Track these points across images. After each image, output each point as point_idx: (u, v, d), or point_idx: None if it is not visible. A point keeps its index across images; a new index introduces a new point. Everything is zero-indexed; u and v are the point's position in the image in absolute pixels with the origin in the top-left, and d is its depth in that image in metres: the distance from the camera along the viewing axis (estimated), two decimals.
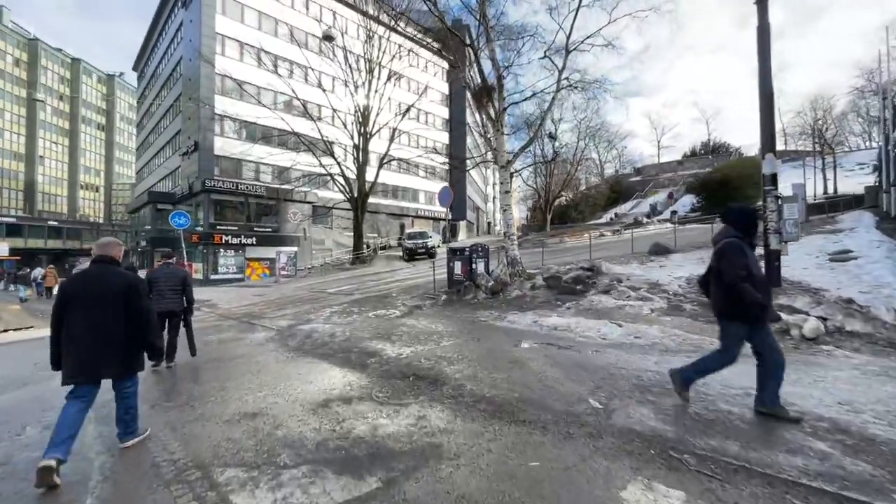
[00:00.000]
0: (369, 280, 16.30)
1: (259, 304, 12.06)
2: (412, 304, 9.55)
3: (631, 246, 13.67)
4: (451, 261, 10.13)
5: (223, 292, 17.13)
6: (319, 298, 12.24)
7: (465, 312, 8.23)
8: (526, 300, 8.90)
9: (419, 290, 11.63)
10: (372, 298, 11.11)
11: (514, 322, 7.08)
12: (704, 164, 49.30)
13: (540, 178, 36.18)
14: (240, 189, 25.91)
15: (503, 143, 11.12)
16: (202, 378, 5.10)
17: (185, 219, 14.07)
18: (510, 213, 11.15)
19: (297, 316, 9.39)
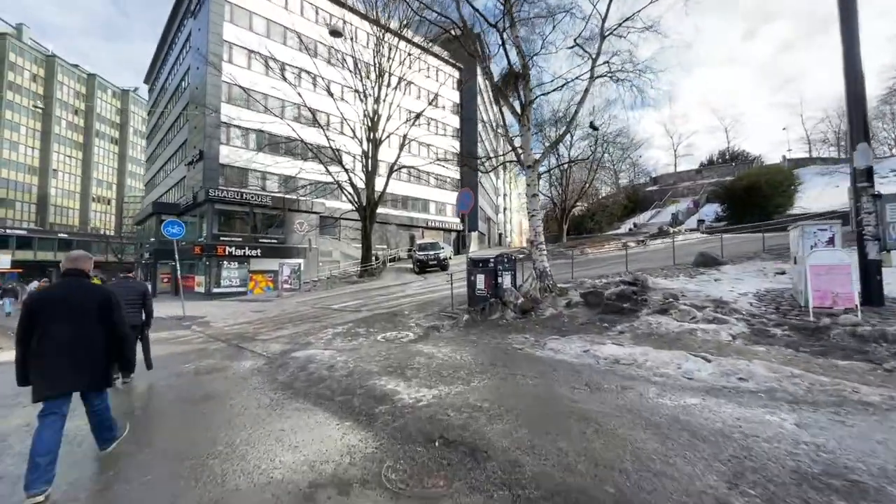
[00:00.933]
0: (378, 294, 14.98)
1: (255, 323, 10.78)
2: (428, 325, 8.18)
3: (672, 256, 12.18)
4: (473, 274, 8.77)
5: (221, 307, 15.94)
6: (322, 316, 10.93)
7: (493, 336, 6.83)
8: (564, 321, 7.48)
9: (435, 307, 10.26)
10: (381, 316, 9.77)
11: (559, 351, 5.66)
12: (725, 173, 47.58)
13: (554, 188, 34.80)
14: (245, 198, 24.97)
15: (529, 141, 9.83)
16: (151, 433, 3.77)
17: (180, 228, 12.97)
18: (538, 219, 9.80)
19: (294, 338, 8.07)
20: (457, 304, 9.90)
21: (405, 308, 10.70)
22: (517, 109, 9.95)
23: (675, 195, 47.52)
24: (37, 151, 63.57)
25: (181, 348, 8.04)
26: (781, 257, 11.11)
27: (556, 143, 9.61)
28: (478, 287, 8.66)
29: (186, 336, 9.54)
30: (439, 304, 10.80)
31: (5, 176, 58.50)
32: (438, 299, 11.64)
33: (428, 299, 12.04)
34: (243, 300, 18.49)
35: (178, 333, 10.05)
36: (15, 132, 60.12)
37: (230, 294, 23.21)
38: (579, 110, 9.76)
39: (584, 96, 9.69)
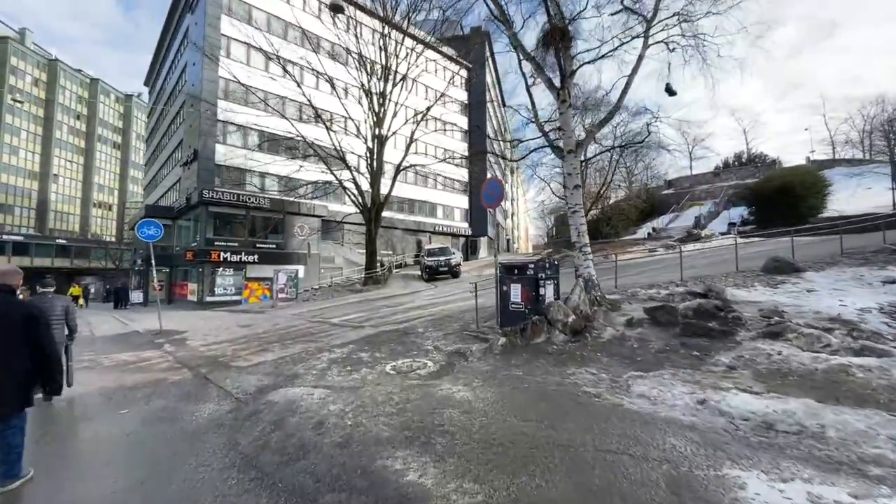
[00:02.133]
0: (384, 306, 13.17)
1: (238, 341, 9.00)
2: (451, 350, 6.36)
3: (735, 263, 10.30)
4: (506, 283, 6.96)
5: (207, 320, 14.18)
6: (318, 333, 9.13)
7: (545, 370, 4.98)
8: (633, 347, 5.63)
9: (454, 324, 8.44)
10: (389, 336, 7.96)
11: (656, 400, 3.82)
12: (745, 175, 45.65)
13: None
14: (241, 200, 23.36)
15: (570, 120, 8.07)
16: None
17: (156, 229, 11.27)
18: (580, 216, 8.00)
19: (278, 366, 6.28)
20: (483, 319, 8.09)
21: (418, 324, 8.88)
22: (555, 83, 8.20)
23: (692, 198, 45.57)
24: (37, 156, 62.63)
25: (135, 378, 6.27)
26: (870, 263, 9.20)
27: (606, 120, 7.82)
28: (512, 300, 6.84)
29: (150, 360, 7.77)
30: (459, 319, 8.98)
31: (4, 181, 57.51)
32: (456, 313, 9.82)
33: (444, 313, 10.21)
34: (235, 311, 16.75)
35: (142, 355, 8.28)
36: (15, 136, 59.24)
37: (224, 303, 21.50)
38: (631, 82, 7.98)
39: (637, 65, 7.93)
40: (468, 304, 11.31)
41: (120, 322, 15.98)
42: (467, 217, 40.73)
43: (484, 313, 8.46)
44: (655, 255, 19.23)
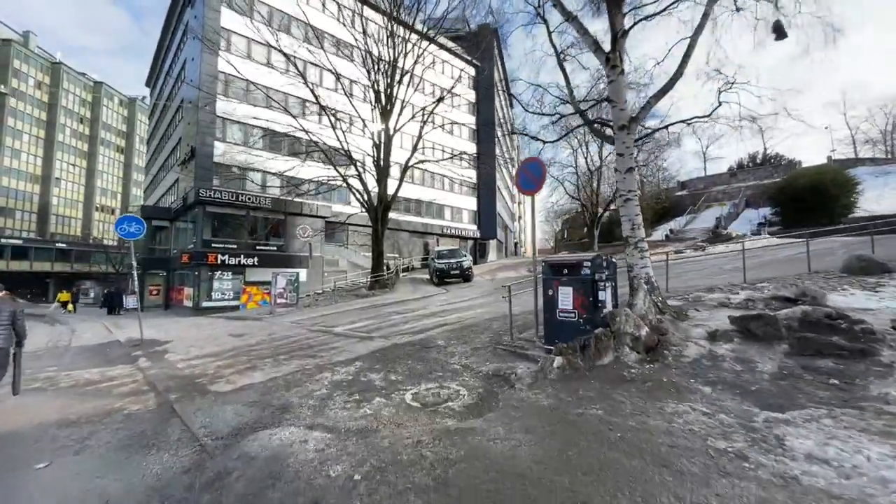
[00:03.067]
0: (394, 312, 11.79)
1: (225, 355, 7.64)
2: (487, 371, 4.98)
3: (807, 263, 8.83)
4: (551, 286, 5.56)
5: (197, 328, 12.86)
6: (319, 346, 7.76)
7: (634, 408, 3.55)
8: (734, 371, 4.21)
9: (482, 335, 7.05)
10: (404, 350, 6.58)
11: (847, 471, 2.39)
12: (763, 175, 44.09)
13: (583, 191, 31.59)
14: (241, 200, 22.11)
15: (623, 89, 6.71)
16: None
17: (138, 226, 9.97)
18: (635, 203, 6.61)
19: (267, 392, 4.91)
20: (518, 330, 6.69)
21: (437, 335, 7.49)
22: (602, 47, 6.84)
23: (708, 200, 44.04)
24: (39, 159, 62.02)
25: (85, 408, 4.91)
26: None
27: (666, 90, 6.42)
28: (561, 307, 5.44)
29: (116, 380, 6.42)
30: (485, 329, 7.58)
31: (6, 184, 56.83)
32: (480, 322, 8.41)
33: (464, 321, 8.82)
34: (231, 317, 15.42)
35: (110, 373, 6.94)
36: (17, 139, 58.66)
37: (222, 309, 20.21)
38: (695, 44, 6.61)
39: (702, 23, 6.57)
40: (490, 310, 9.94)
41: (106, 329, 14.70)
42: (475, 219, 39.38)
43: (523, 322, 7.06)
44: (686, 256, 17.75)
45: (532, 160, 6.46)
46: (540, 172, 6.23)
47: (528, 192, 6.44)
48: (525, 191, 6.48)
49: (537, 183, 6.26)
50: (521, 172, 6.50)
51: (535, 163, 6.34)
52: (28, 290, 49.62)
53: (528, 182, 6.37)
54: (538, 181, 6.25)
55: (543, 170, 6.19)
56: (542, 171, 6.19)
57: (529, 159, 6.51)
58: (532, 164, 6.36)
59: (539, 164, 6.27)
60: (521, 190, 6.53)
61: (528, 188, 6.38)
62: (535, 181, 6.29)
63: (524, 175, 6.42)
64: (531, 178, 6.31)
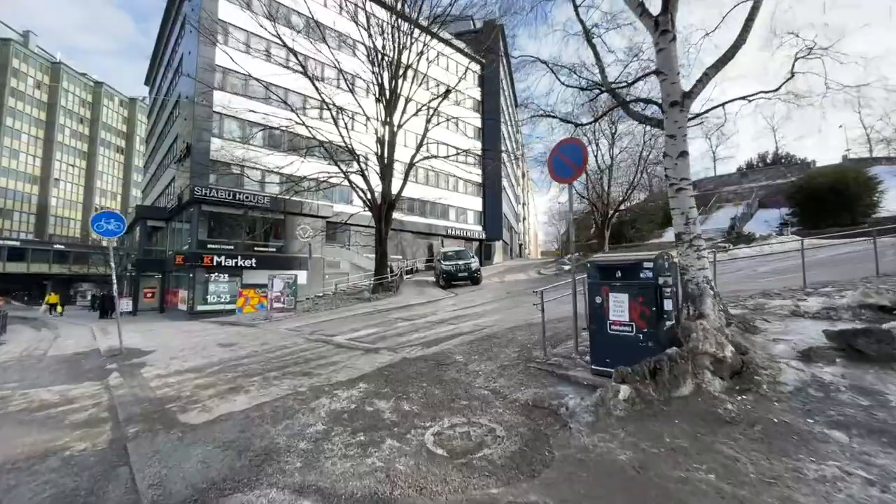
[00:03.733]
0: (400, 319, 10.77)
1: (208, 371, 6.63)
2: (526, 401, 3.96)
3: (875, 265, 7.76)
4: (599, 292, 4.53)
5: (187, 334, 11.86)
6: (317, 360, 6.74)
7: (757, 469, 2.52)
8: (864, 407, 3.17)
9: (507, 349, 6.02)
10: (417, 366, 5.56)
11: None
12: (775, 175, 43.09)
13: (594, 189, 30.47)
14: (238, 199, 21.17)
15: (674, 59, 5.69)
16: None
17: (118, 222, 8.99)
18: (689, 194, 5.56)
19: (247, 427, 3.90)
20: (549, 344, 5.67)
21: (453, 348, 6.47)
22: (649, 11, 5.83)
23: (719, 200, 42.96)
24: (38, 160, 61.32)
25: (20, 444, 3.91)
26: None
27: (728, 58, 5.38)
28: (613, 318, 4.40)
29: (76, 402, 5.42)
30: (509, 340, 6.56)
31: (4, 185, 56.11)
32: (501, 331, 7.38)
33: (481, 330, 7.79)
34: (225, 322, 14.43)
35: (72, 393, 5.94)
36: (16, 140, 57.98)
37: (217, 312, 19.23)
38: (759, 6, 5.60)
39: None
40: (508, 317, 8.91)
41: (91, 335, 13.72)
42: (481, 219, 38.37)
43: (558, 332, 6.03)
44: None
45: (569, 142, 5.45)
46: (580, 156, 5.21)
47: (563, 179, 5.43)
48: (560, 178, 5.47)
49: (576, 169, 5.24)
50: (554, 157, 5.48)
51: (574, 145, 5.32)
52: (25, 292, 48.83)
53: (563, 168, 5.35)
54: (577, 167, 5.23)
55: (584, 153, 5.17)
56: (583, 155, 5.17)
57: (566, 141, 5.49)
58: (570, 147, 5.34)
59: (578, 146, 5.26)
60: (556, 178, 5.51)
61: (563, 175, 5.36)
62: (572, 167, 5.27)
63: (559, 160, 5.40)
64: (568, 164, 5.29)
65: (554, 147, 5.55)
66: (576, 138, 5.54)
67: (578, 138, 5.91)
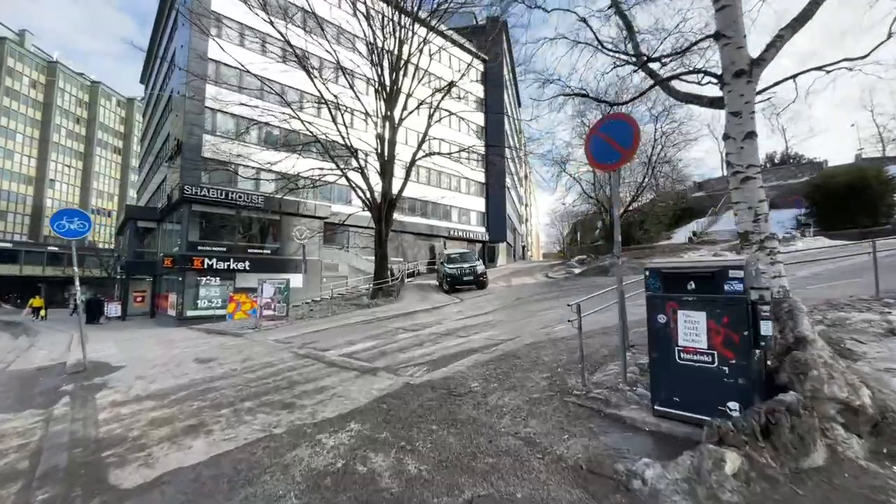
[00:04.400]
0: (402, 329, 9.70)
1: (174, 396, 5.56)
2: (575, 461, 2.87)
3: None
4: (663, 308, 3.46)
5: (165, 345, 10.79)
6: (304, 384, 5.67)
7: None
8: None
9: (533, 374, 4.94)
10: (424, 399, 4.48)
11: None
12: (786, 175, 41.96)
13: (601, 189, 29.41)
14: (231, 199, 20.15)
15: (741, 18, 4.66)
16: None
17: (82, 221, 7.94)
18: (757, 184, 4.54)
19: (196, 496, 2.82)
20: (587, 368, 4.60)
21: (465, 370, 5.39)
22: None
23: (728, 201, 41.76)
24: (33, 160, 60.37)
25: None
26: None
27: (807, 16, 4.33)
28: (685, 345, 3.34)
29: (2, 440, 4.36)
30: (535, 361, 5.48)
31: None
32: (520, 348, 6.30)
33: (497, 345, 6.72)
34: (211, 330, 13.35)
35: (6, 426, 4.87)
36: (10, 140, 57.02)
37: (208, 318, 18.20)
38: None
39: None
40: (524, 328, 7.84)
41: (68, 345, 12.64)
42: (484, 221, 37.32)
43: (599, 354, 4.94)
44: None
45: (614, 119, 4.39)
46: (629, 136, 4.14)
47: (606, 165, 4.37)
48: (602, 164, 4.41)
49: (623, 151, 4.18)
50: (593, 139, 4.42)
51: (621, 123, 4.25)
52: (17, 295, 47.79)
53: (606, 151, 4.29)
54: (625, 149, 4.16)
55: (635, 131, 4.10)
56: (633, 134, 4.10)
57: (611, 117, 4.43)
58: (615, 125, 4.27)
59: (627, 123, 4.19)
60: (597, 164, 4.46)
61: (606, 160, 4.31)
62: (618, 149, 4.21)
63: (600, 142, 4.34)
64: (612, 146, 4.23)
65: (593, 127, 4.49)
66: (623, 114, 4.50)
67: (626, 114, 4.86)
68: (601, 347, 5.71)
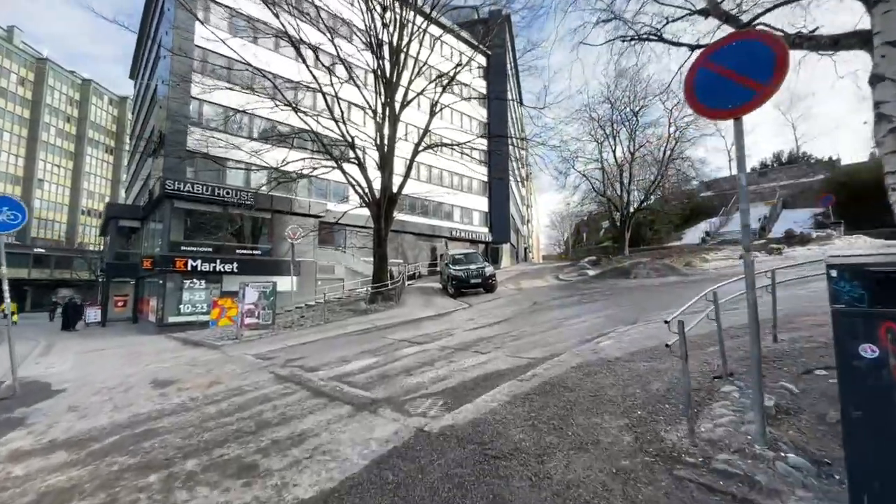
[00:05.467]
0: (406, 342, 8.20)
1: (97, 446, 4.06)
2: None
3: None
4: (875, 332, 1.97)
5: (131, 358, 9.26)
6: (274, 430, 4.16)
7: None
8: None
9: (604, 420, 3.41)
10: (446, 464, 2.97)
11: None
12: (797, 174, 40.77)
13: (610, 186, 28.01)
14: (217, 195, 18.61)
15: None
16: None
17: (12, 211, 6.45)
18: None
19: None
20: (681, 412, 3.10)
21: (498, 408, 3.90)
22: None
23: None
24: (21, 160, 58.60)
25: None
26: None
27: None
28: None
29: None
30: (596, 396, 3.98)
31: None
32: (566, 374, 4.81)
33: (530, 367, 5.24)
34: (188, 341, 11.80)
35: None
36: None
37: (191, 324, 16.66)
38: None
39: None
40: (555, 340, 6.36)
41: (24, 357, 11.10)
42: (487, 221, 35.88)
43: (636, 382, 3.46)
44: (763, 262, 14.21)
45: (741, 37, 2.92)
46: (766, 65, 2.69)
47: (722, 112, 2.91)
48: (714, 111, 2.97)
49: (759, 88, 2.71)
50: (701, 72, 2.97)
51: (753, 43, 2.79)
52: None
53: (723, 91, 2.84)
54: (763, 84, 2.70)
55: (779, 56, 2.63)
56: (777, 60, 2.64)
57: (734, 37, 2.95)
58: (741, 48, 2.82)
59: (765, 44, 2.72)
60: (704, 110, 3.02)
61: (724, 104, 2.85)
62: (746, 84, 2.75)
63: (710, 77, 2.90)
64: (738, 82, 2.77)
65: (701, 55, 3.02)
66: (755, 31, 3.03)
67: (763, 31, 3.39)
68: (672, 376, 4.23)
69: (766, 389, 3.55)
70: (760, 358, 2.80)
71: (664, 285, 13.68)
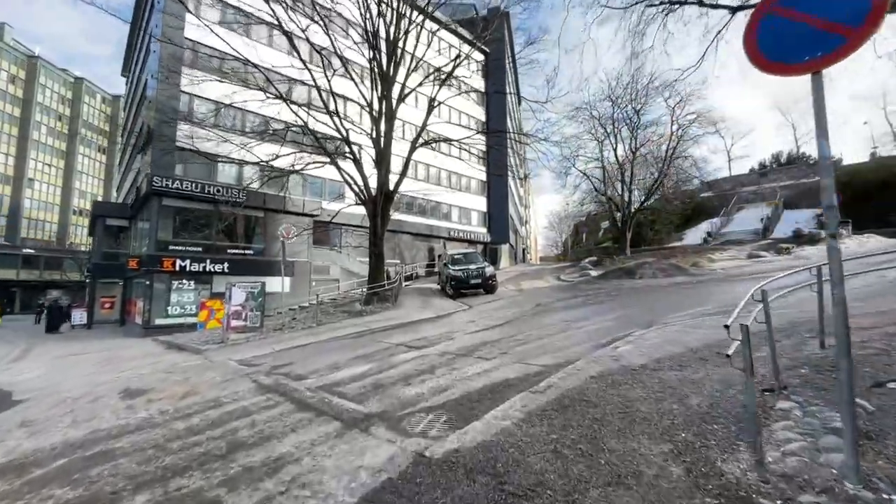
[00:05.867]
0: (403, 347, 7.60)
1: (41, 471, 3.45)
2: None
3: None
4: None
5: (106, 365, 8.62)
6: (249, 453, 3.56)
7: None
8: None
9: (642, 445, 2.82)
10: (455, 494, 2.38)
11: None
12: (798, 175, 40.48)
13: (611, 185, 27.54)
14: (208, 192, 17.95)
15: None
16: None
17: None
18: None
19: None
20: (736, 435, 2.51)
21: (512, 427, 3.32)
22: None
23: (739, 201, 40.30)
24: (11, 159, 57.45)
25: None
26: None
27: None
28: None
29: None
30: (632, 414, 3.39)
31: None
32: (586, 385, 4.24)
33: (542, 376, 4.67)
34: (171, 345, 11.14)
35: None
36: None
37: (179, 327, 15.97)
38: None
39: None
40: (567, 345, 5.78)
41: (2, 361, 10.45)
42: (485, 221, 35.32)
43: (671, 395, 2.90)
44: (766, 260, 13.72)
45: None
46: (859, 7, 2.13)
47: (797, 66, 2.35)
48: (786, 66, 2.41)
49: (849, 32, 2.16)
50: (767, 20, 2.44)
51: None
52: None
53: (795, 41, 2.30)
54: (853, 27, 2.15)
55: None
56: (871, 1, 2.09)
57: None
58: None
59: None
60: (771, 65, 2.45)
61: (798, 56, 2.30)
62: (836, 31, 2.20)
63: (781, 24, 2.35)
64: (819, 28, 2.22)
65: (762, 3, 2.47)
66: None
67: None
68: (712, 388, 3.66)
69: (831, 407, 2.99)
70: (852, 368, 2.23)
71: (672, 285, 13.16)
